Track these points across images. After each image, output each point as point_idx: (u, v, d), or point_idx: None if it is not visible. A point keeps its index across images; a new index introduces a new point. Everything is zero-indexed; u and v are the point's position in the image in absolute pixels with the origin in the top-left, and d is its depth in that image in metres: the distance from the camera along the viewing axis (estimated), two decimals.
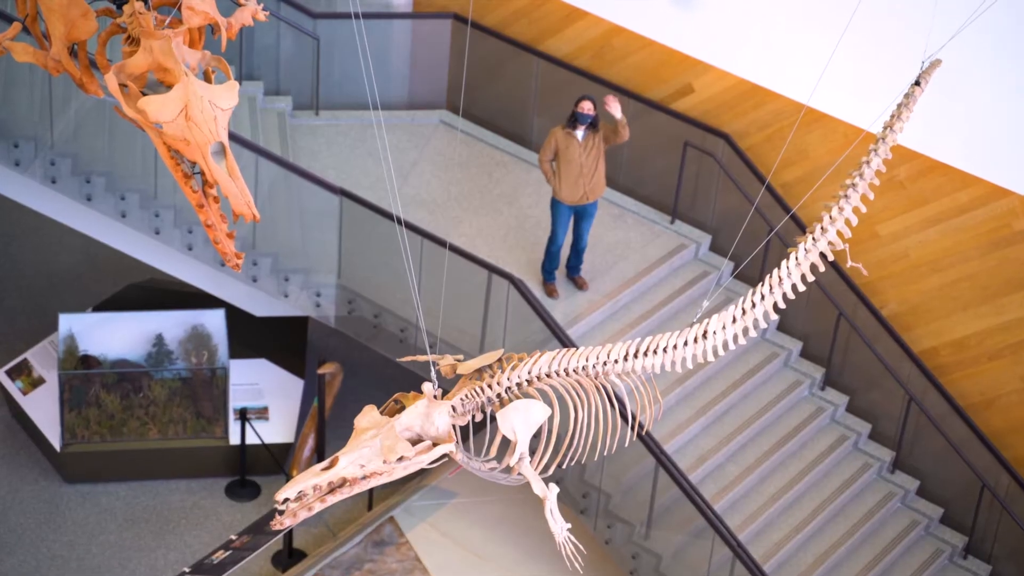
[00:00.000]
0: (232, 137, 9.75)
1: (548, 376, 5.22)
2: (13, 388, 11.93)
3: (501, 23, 12.19)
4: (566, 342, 10.00)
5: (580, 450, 5.31)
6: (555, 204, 10.22)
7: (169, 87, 5.04)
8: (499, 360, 5.27)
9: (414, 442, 4.96)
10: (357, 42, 10.25)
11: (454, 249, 10.35)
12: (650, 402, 5.41)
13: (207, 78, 5.25)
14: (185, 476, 11.74)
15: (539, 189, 11.93)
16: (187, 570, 10.34)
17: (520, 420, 5.11)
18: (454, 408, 5.07)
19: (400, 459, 4.89)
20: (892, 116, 5.64)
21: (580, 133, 9.87)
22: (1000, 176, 10.41)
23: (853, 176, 5.52)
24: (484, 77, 12.20)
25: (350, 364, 12.33)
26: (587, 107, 10.00)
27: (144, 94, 5.10)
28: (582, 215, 10.15)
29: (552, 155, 10.05)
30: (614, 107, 10.06)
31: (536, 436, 5.22)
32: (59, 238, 13.39)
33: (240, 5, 5.61)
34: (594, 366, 5.27)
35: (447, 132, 12.33)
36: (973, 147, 10.38)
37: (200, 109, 4.92)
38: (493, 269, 10.33)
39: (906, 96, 5.69)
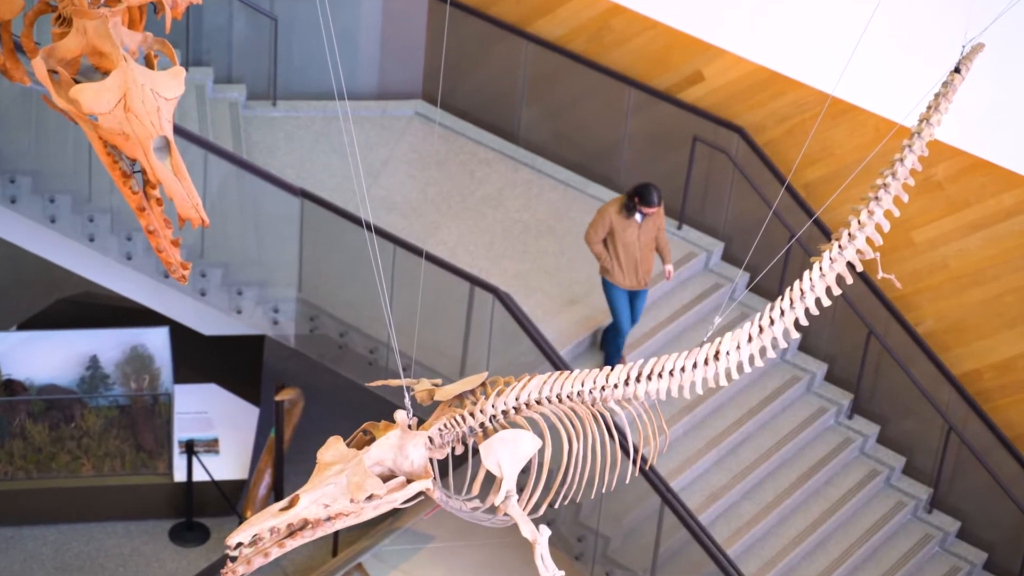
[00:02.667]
0: (177, 131, 9.73)
1: (538, 403, 5.22)
2: None
3: (485, 1, 12.21)
4: (559, 364, 10.01)
5: (575, 487, 5.31)
6: (610, 288, 10.18)
7: (105, 74, 5.03)
8: (482, 385, 5.27)
9: (385, 478, 4.95)
10: (320, 22, 10.26)
11: (431, 258, 10.35)
12: (654, 432, 5.41)
13: (149, 63, 5.24)
14: (123, 518, 11.70)
15: (528, 190, 11.94)
16: None
17: (506, 453, 5.10)
18: (431, 439, 5.07)
19: (369, 498, 4.88)
20: (929, 108, 5.66)
21: (639, 216, 9.97)
22: None
23: (885, 175, 5.53)
24: (465, 63, 12.21)
25: (312, 390, 12.30)
26: (650, 212, 10.03)
27: (77, 82, 5.09)
28: (636, 294, 10.21)
29: (604, 235, 10.06)
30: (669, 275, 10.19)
31: (525, 471, 5.22)
32: None
33: None
34: (591, 392, 5.27)
35: (423, 125, 12.33)
36: (1021, 143, 10.42)
37: (141, 99, 4.91)
38: (476, 281, 10.33)
39: (944, 85, 5.71)
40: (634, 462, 5.51)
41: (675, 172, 11.69)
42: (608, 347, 10.50)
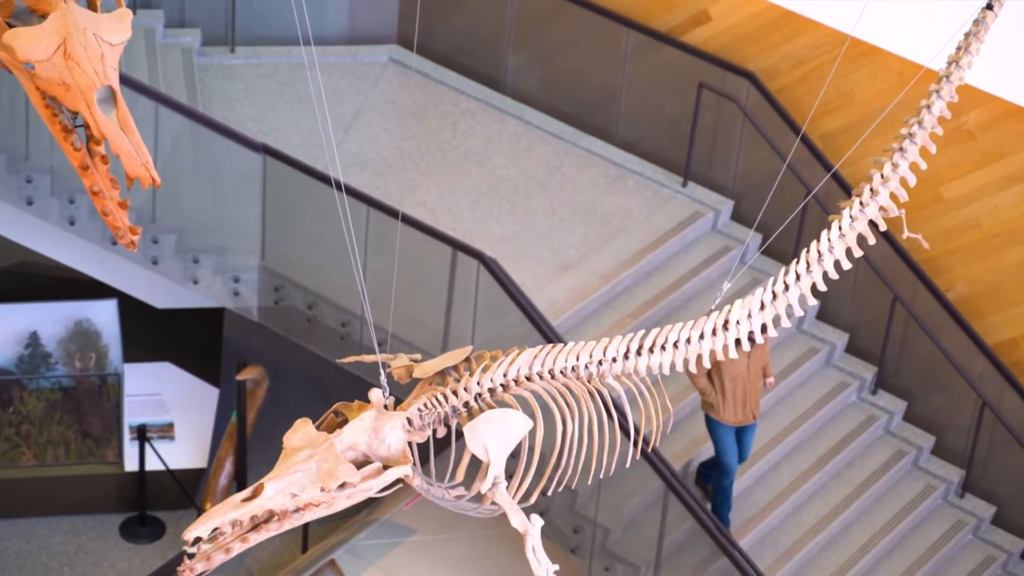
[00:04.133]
0: (124, 80, 9.70)
1: (529, 379, 5.23)
2: None
3: None
4: (551, 337, 10.02)
5: (570, 472, 5.33)
6: (715, 425, 10.08)
7: (43, 16, 5.01)
8: (467, 360, 5.28)
9: (359, 464, 4.96)
10: None
11: (409, 221, 10.34)
12: (657, 411, 5.42)
13: (92, 5, 5.22)
14: (69, 512, 11.71)
15: (516, 144, 11.93)
16: None
17: (494, 435, 5.12)
18: (410, 421, 5.08)
19: (342, 486, 4.89)
20: (958, 49, 5.66)
21: (748, 345, 9.89)
22: None
23: (910, 124, 5.54)
24: (445, 2, 12.17)
25: (278, 368, 12.31)
26: (761, 339, 9.92)
27: (11, 25, 5.06)
28: (744, 429, 10.15)
29: (708, 367, 9.97)
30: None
31: (514, 455, 5.23)
32: None
33: None
34: (587, 366, 5.28)
35: (398, 73, 12.30)
36: None
37: (83, 44, 4.89)
38: (458, 246, 10.33)
39: (975, 23, 5.71)
40: (635, 444, 5.52)
41: (679, 123, 11.68)
42: (713, 488, 10.32)
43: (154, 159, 5.06)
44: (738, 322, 5.37)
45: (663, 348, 5.31)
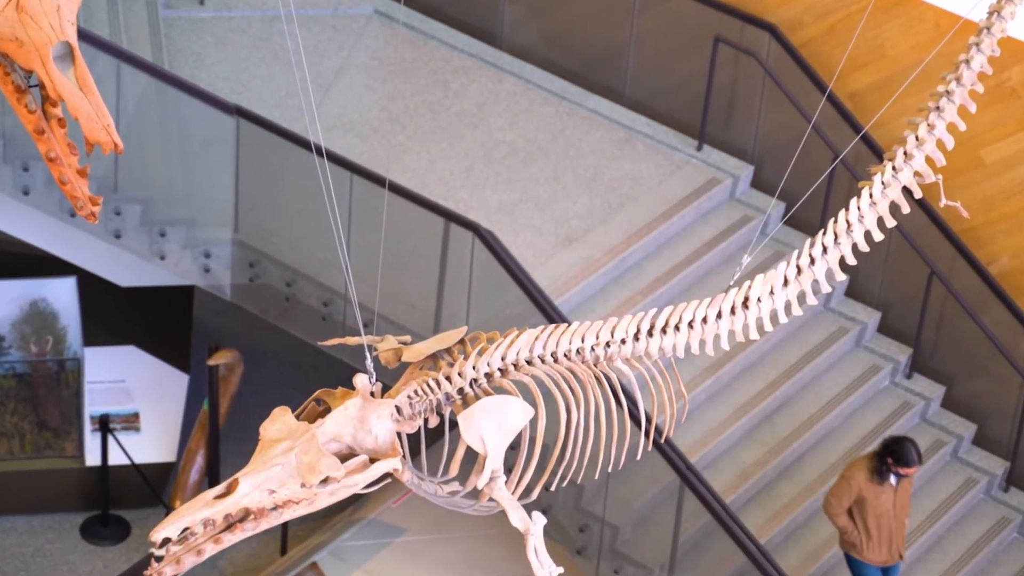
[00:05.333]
0: (82, 36, 9.68)
1: (529, 363, 5.23)
2: None
3: None
4: (553, 316, 10.03)
5: (575, 465, 5.33)
6: (858, 566, 10.05)
7: None
8: (461, 342, 5.27)
9: (344, 457, 4.96)
10: None
11: (396, 189, 10.34)
12: (671, 398, 5.43)
13: None
14: (24, 511, 11.73)
15: (513, 105, 11.92)
16: None
17: (491, 425, 5.12)
18: (399, 409, 5.08)
19: (325, 481, 4.89)
20: None
21: (895, 479, 9.86)
22: None
23: (947, 81, 5.53)
24: None
25: (253, 351, 12.32)
26: (910, 472, 9.84)
27: None
28: (889, 568, 10.13)
29: (849, 505, 9.94)
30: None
31: (514, 447, 5.24)
32: None
33: None
34: (593, 348, 5.28)
35: (384, 27, 12.29)
36: None
37: None
38: (451, 216, 10.34)
39: None
40: (647, 434, 5.53)
41: (693, 81, 11.67)
42: None
43: (116, 122, 5.06)
44: (759, 299, 5.36)
45: (677, 328, 5.30)
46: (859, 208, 5.43)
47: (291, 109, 11.38)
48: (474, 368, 5.17)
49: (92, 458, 11.66)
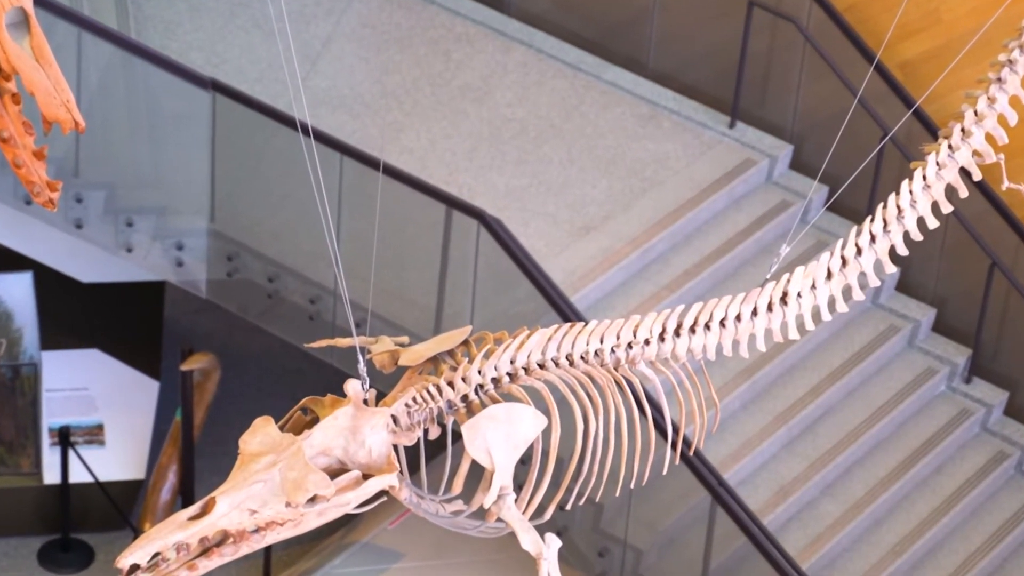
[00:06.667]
0: (39, 1, 9.65)
1: (542, 367, 5.24)
2: None
3: None
4: (568, 315, 10.02)
5: (593, 482, 5.33)
6: None
7: None
8: (465, 343, 5.28)
9: (334, 473, 4.97)
10: None
11: (392, 172, 10.33)
12: (701, 405, 5.41)
13: None
14: None
15: (524, 77, 11.91)
16: None
17: (499, 436, 5.12)
18: (396, 419, 5.08)
19: (312, 500, 4.89)
20: None
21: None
22: None
23: (1010, 49, 5.53)
24: None
25: (232, 355, 12.31)
26: None
27: None
28: None
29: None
30: None
31: (524, 461, 5.23)
32: None
33: None
34: (613, 350, 5.29)
35: None
36: None
37: None
38: (454, 203, 10.33)
39: None
40: (674, 446, 5.51)
41: (724, 50, 11.66)
42: None
43: (77, 98, 5.05)
44: (799, 295, 5.38)
45: (707, 327, 5.32)
46: (911, 192, 5.44)
47: (274, 83, 11.37)
48: (480, 372, 5.18)
49: (51, 475, 11.67)
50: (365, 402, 5.06)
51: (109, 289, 11.72)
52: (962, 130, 5.47)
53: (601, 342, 5.27)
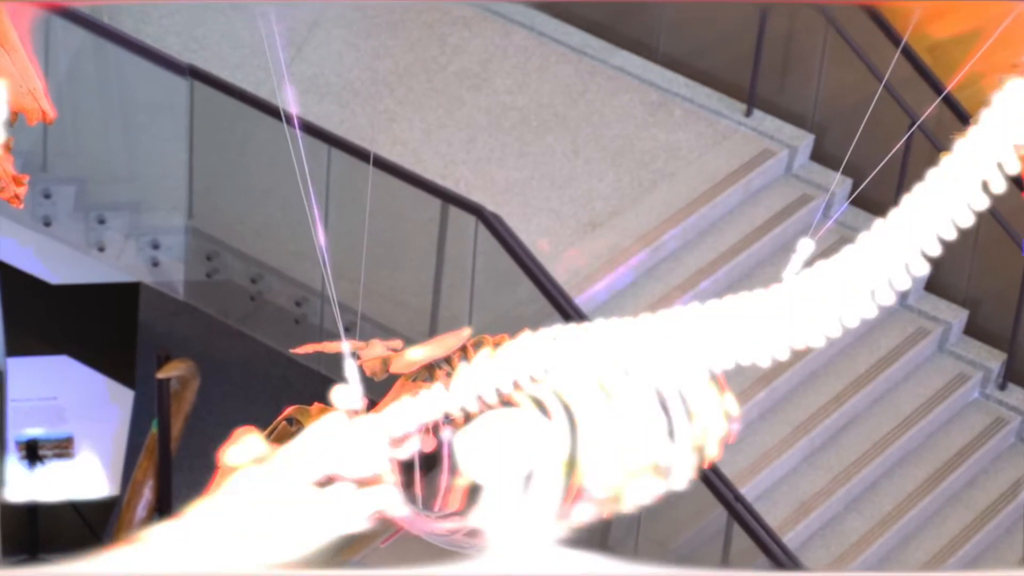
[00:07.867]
0: None
1: (545, 374, 5.22)
2: None
3: None
4: (573, 317, 10.03)
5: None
6: None
7: None
8: (463, 348, 5.28)
9: (322, 487, 4.96)
10: None
11: (384, 165, 10.34)
12: (717, 415, 5.42)
13: None
14: None
15: (524, 63, 11.91)
16: None
17: (498, 448, 5.11)
18: (388, 430, 5.07)
19: None
20: None
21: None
22: None
23: None
24: None
25: (211, 361, 12.31)
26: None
27: None
28: None
29: None
30: None
31: (526, 473, 5.23)
32: None
33: None
34: (620, 355, 5.26)
35: None
36: None
37: None
38: (450, 198, 10.33)
39: None
40: (688, 459, 5.52)
41: (740, 33, 11.66)
42: None
43: (45, 86, 5.06)
44: (822, 296, 5.36)
45: (723, 331, 5.30)
46: (941, 186, 5.43)
47: (256, 69, 11.38)
48: (479, 380, 5.17)
49: (17, 493, 11.67)
50: (356, 412, 5.07)
51: (80, 291, 11.72)
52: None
53: (610, 347, 5.27)
